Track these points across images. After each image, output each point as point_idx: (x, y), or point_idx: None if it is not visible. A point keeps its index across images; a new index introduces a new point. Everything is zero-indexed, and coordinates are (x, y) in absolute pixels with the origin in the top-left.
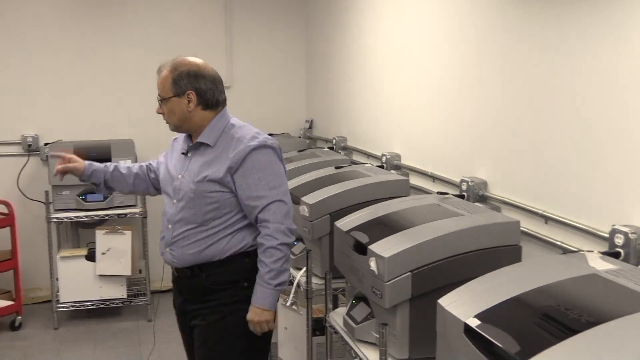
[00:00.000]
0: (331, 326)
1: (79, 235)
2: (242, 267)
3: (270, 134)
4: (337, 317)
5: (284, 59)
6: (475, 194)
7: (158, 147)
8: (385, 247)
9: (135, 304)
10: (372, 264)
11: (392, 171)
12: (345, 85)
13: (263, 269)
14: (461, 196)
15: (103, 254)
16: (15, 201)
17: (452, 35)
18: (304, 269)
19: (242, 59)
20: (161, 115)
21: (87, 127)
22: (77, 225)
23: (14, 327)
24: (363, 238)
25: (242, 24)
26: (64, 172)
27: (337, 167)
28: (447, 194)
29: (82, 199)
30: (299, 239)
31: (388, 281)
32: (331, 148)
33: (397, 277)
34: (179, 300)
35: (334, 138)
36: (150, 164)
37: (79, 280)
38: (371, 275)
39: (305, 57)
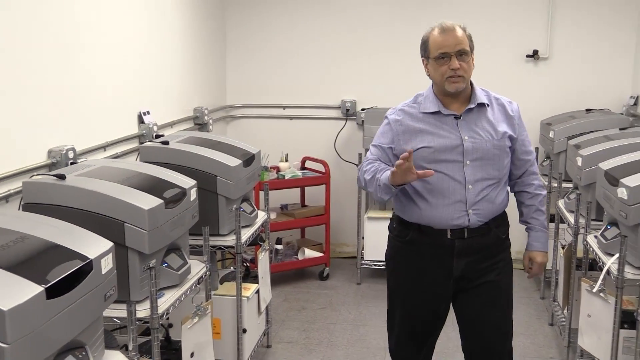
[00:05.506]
0: None
1: None
2: (506, 216)
3: (588, 110)
4: None
5: (609, 28)
6: None
7: None
8: None
9: None
10: None
11: None
12: None
13: (541, 217)
14: None
15: None
16: (331, 161)
17: None
18: (617, 255)
19: (564, 28)
20: (454, 71)
21: (401, 94)
22: None
23: (322, 276)
24: None
25: None
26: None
27: None
28: None
29: None
30: (613, 224)
31: None
32: None
33: None
34: (460, 265)
35: None
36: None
37: (383, 241)
38: None
39: (635, 25)
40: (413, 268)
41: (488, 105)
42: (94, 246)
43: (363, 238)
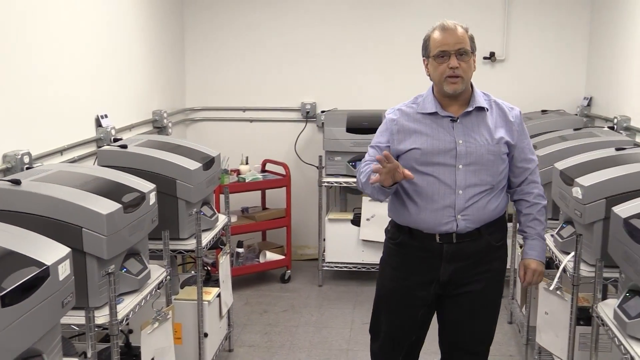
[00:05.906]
0: (599, 317)
1: (347, 200)
2: (505, 223)
3: (543, 111)
4: (607, 309)
5: (564, 31)
6: None
7: None
8: None
9: None
10: None
11: None
12: (635, 60)
13: (540, 226)
14: None
15: (367, 219)
16: (291, 164)
17: None
18: (572, 253)
19: (520, 31)
20: (452, 70)
21: (360, 96)
22: (345, 190)
23: (283, 279)
24: None
25: None
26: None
27: (617, 149)
28: None
29: (352, 165)
30: (569, 222)
31: None
32: (612, 128)
33: None
34: (447, 270)
35: (616, 117)
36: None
37: (343, 243)
38: None
39: (588, 29)
40: (401, 270)
41: (487, 109)
42: (50, 252)
43: (324, 240)
